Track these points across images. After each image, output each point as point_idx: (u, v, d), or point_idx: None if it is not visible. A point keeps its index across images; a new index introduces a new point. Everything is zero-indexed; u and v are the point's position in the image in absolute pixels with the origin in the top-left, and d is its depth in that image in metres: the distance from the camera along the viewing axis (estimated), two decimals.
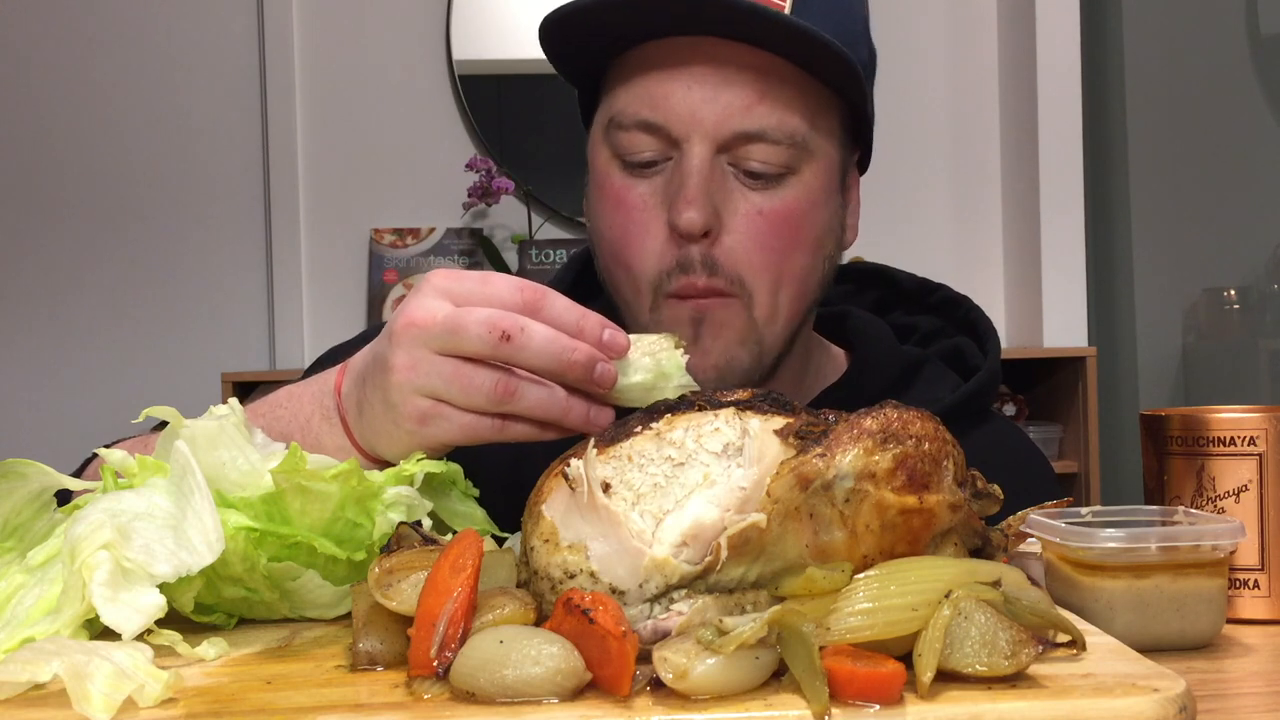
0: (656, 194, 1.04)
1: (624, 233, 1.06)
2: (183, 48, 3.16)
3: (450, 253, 3.09)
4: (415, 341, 0.83)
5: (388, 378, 0.84)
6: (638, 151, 1.04)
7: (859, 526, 0.65)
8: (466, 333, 0.81)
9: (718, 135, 1.02)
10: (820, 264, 1.09)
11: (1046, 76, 3.03)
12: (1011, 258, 3.22)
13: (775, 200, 1.04)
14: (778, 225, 1.04)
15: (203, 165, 3.15)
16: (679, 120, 1.02)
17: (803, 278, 1.07)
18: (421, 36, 3.19)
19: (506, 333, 0.80)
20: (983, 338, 1.22)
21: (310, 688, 0.62)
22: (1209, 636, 0.76)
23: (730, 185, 1.03)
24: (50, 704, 0.59)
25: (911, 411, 0.68)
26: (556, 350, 0.81)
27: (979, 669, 0.58)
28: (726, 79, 1.02)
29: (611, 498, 0.66)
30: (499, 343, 0.80)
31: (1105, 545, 0.74)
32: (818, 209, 1.06)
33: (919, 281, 1.30)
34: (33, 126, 3.14)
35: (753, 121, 1.01)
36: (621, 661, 0.57)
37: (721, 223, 1.02)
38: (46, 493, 0.79)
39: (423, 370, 0.83)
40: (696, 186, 1.01)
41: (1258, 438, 0.83)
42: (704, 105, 1.01)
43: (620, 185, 1.06)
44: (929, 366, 1.20)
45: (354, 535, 0.77)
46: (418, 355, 0.83)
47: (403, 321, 0.84)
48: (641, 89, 1.04)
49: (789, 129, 1.02)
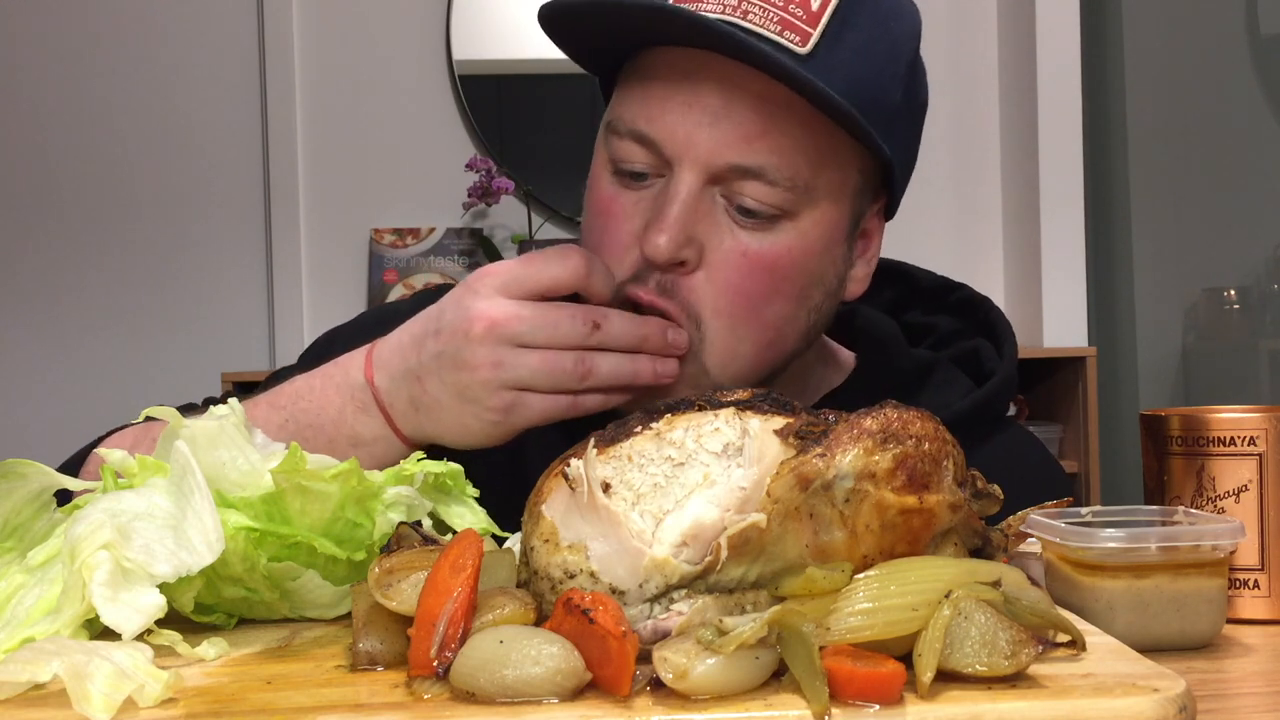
0: (641, 209, 0.98)
1: (600, 240, 1.00)
2: (183, 48, 3.16)
3: (450, 253, 3.09)
4: (500, 340, 0.91)
5: (470, 375, 0.92)
6: (630, 161, 0.98)
7: (859, 526, 0.65)
8: (560, 327, 0.91)
9: (711, 164, 0.94)
10: (803, 315, 1.01)
11: (1046, 76, 3.02)
12: (1011, 258, 3.22)
13: (765, 243, 0.96)
14: (760, 270, 0.97)
15: (203, 165, 3.15)
16: (673, 140, 0.95)
17: (776, 326, 0.99)
18: (421, 36, 3.19)
19: (596, 322, 0.92)
20: (1000, 340, 1.16)
21: (310, 688, 0.62)
22: (1209, 636, 0.76)
23: (719, 219, 0.96)
24: (50, 704, 0.59)
25: (911, 411, 0.68)
26: (634, 328, 0.94)
27: (979, 669, 0.58)
28: (729, 104, 0.94)
29: (611, 498, 0.66)
30: (590, 332, 0.92)
31: (1105, 545, 0.74)
32: (811, 259, 0.99)
33: (939, 280, 1.24)
34: (33, 126, 3.14)
35: (751, 157, 0.94)
36: (621, 661, 0.57)
37: (702, 257, 0.96)
38: (46, 493, 0.79)
39: (509, 365, 0.91)
40: (674, 215, 0.94)
41: (1258, 438, 0.83)
42: (700, 129, 0.94)
43: (608, 192, 1.00)
44: (940, 370, 1.15)
45: (354, 535, 0.77)
46: (501, 353, 0.91)
47: (484, 323, 0.91)
48: (641, 97, 0.97)
49: (790, 171, 0.95)
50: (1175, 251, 3.09)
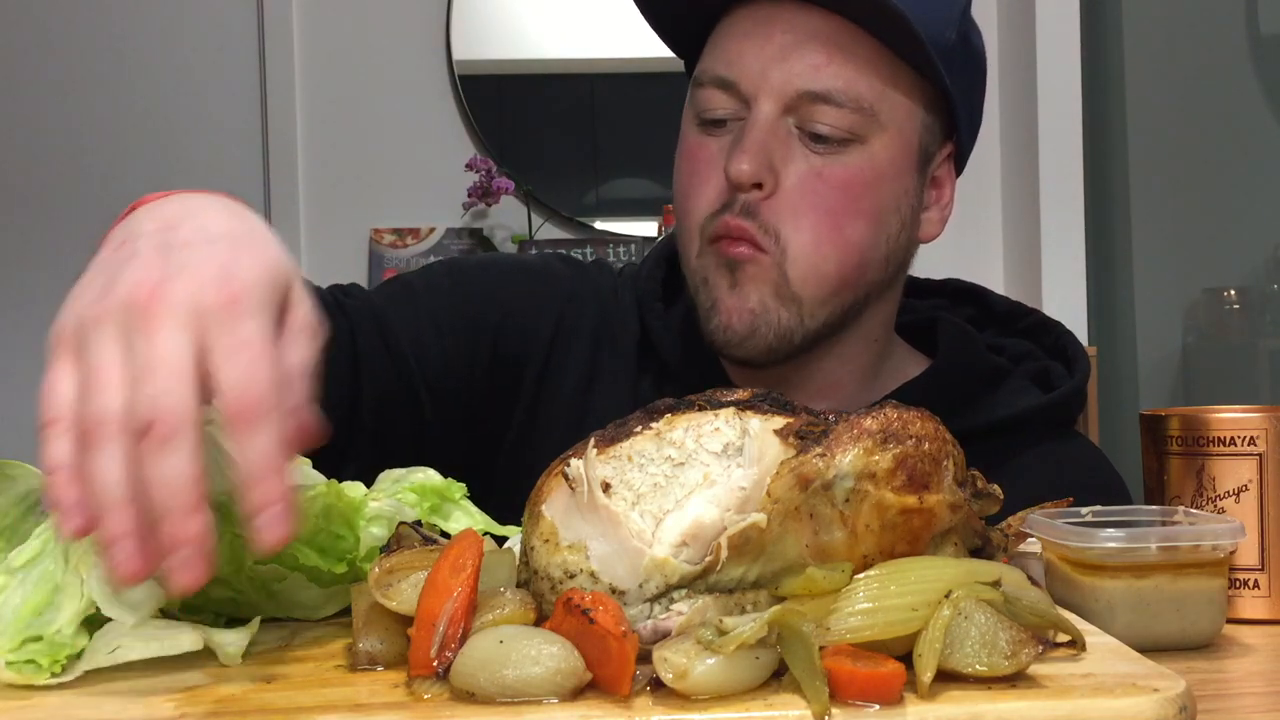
0: (724, 149, 1.06)
1: (687, 184, 1.09)
2: (183, 48, 3.16)
3: (450, 253, 3.08)
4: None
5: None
6: (712, 108, 1.07)
7: (859, 526, 0.65)
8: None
9: (784, 93, 1.03)
10: (880, 241, 1.08)
11: (1046, 76, 3.02)
12: (1011, 258, 3.22)
13: (836, 165, 1.04)
14: (835, 190, 1.04)
15: (203, 165, 3.14)
16: (749, 78, 1.04)
17: (856, 247, 1.06)
18: (421, 36, 3.19)
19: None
20: (1072, 361, 1.20)
21: (310, 688, 0.62)
22: (1209, 636, 0.76)
23: (793, 146, 1.04)
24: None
25: (912, 411, 0.68)
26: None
27: (979, 669, 0.58)
28: (799, 41, 1.04)
29: (611, 498, 0.66)
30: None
31: (1105, 545, 0.74)
32: (883, 182, 1.06)
33: (1011, 304, 1.29)
34: (32, 126, 3.14)
35: (819, 82, 1.03)
36: (621, 661, 0.57)
37: (778, 181, 1.04)
38: (34, 494, 0.78)
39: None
40: (753, 139, 1.03)
41: (1258, 438, 0.83)
42: (774, 64, 1.04)
43: (694, 141, 1.09)
44: (1014, 379, 1.19)
45: (337, 546, 0.76)
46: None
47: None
48: (721, 49, 1.07)
49: (855, 93, 1.03)
50: (1175, 251, 3.09)
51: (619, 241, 3.04)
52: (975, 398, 1.15)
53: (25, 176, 3.13)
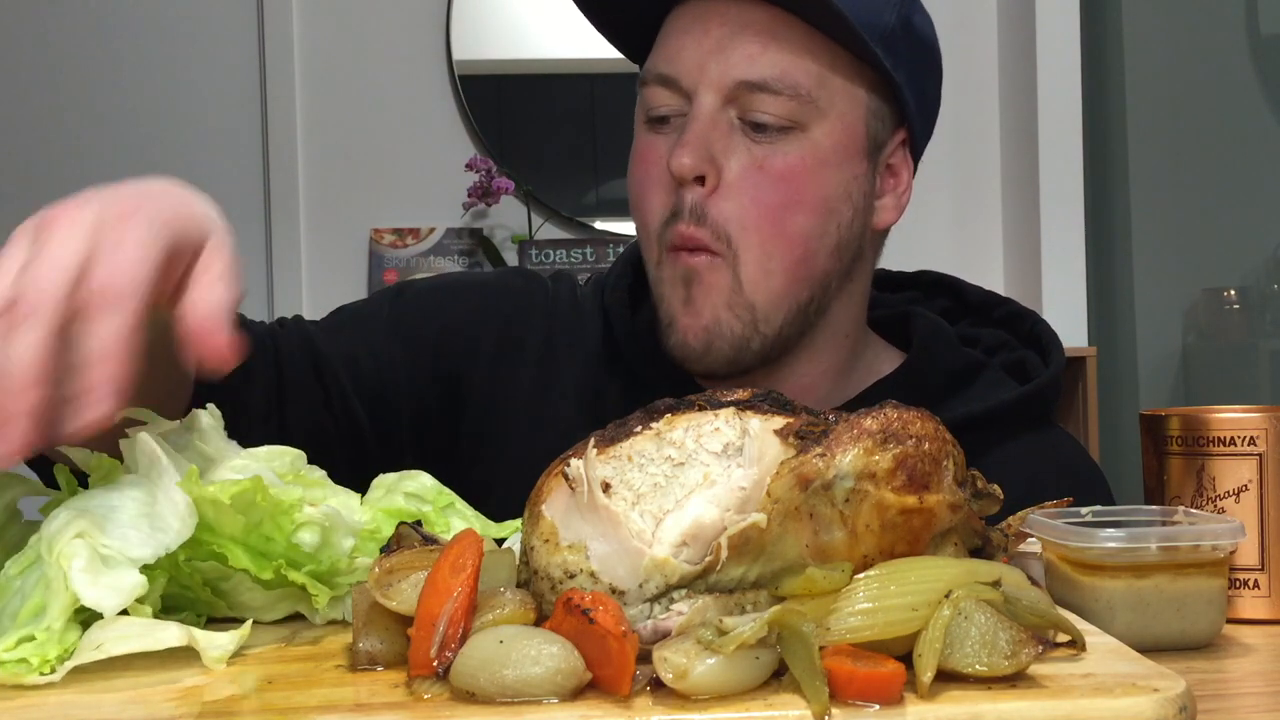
0: (669, 146, 1.06)
1: (638, 186, 1.10)
2: (183, 47, 3.16)
3: (450, 253, 3.09)
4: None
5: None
6: (657, 105, 1.08)
7: (859, 526, 0.65)
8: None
9: (722, 85, 1.04)
10: (829, 229, 1.07)
11: (1046, 76, 3.02)
12: (1011, 258, 3.22)
13: (777, 154, 1.04)
14: (776, 180, 1.04)
15: (203, 165, 3.14)
16: (689, 73, 1.05)
17: (803, 240, 1.06)
18: (421, 36, 3.19)
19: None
20: (1046, 350, 1.20)
21: (310, 688, 0.62)
22: (1209, 636, 0.76)
23: (734, 137, 1.05)
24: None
25: (912, 411, 0.68)
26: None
27: (979, 669, 0.58)
28: (734, 33, 1.04)
29: (611, 498, 0.65)
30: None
31: (1105, 545, 0.74)
32: (827, 169, 1.06)
33: (985, 295, 1.29)
34: (31, 126, 3.14)
35: (755, 71, 1.03)
36: (621, 661, 0.57)
37: (720, 174, 1.04)
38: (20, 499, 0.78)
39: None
40: (694, 132, 1.04)
41: (1258, 438, 0.83)
42: (711, 57, 1.04)
43: (643, 141, 1.10)
44: (989, 372, 1.18)
45: (268, 549, 0.75)
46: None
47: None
48: (662, 47, 1.09)
49: (792, 80, 1.04)
50: (1175, 251, 3.09)
51: (619, 241, 3.03)
52: (950, 392, 1.15)
53: (25, 176, 3.13)
